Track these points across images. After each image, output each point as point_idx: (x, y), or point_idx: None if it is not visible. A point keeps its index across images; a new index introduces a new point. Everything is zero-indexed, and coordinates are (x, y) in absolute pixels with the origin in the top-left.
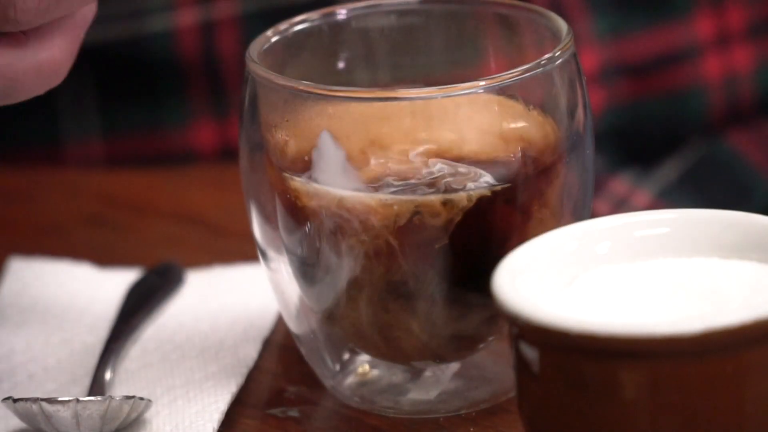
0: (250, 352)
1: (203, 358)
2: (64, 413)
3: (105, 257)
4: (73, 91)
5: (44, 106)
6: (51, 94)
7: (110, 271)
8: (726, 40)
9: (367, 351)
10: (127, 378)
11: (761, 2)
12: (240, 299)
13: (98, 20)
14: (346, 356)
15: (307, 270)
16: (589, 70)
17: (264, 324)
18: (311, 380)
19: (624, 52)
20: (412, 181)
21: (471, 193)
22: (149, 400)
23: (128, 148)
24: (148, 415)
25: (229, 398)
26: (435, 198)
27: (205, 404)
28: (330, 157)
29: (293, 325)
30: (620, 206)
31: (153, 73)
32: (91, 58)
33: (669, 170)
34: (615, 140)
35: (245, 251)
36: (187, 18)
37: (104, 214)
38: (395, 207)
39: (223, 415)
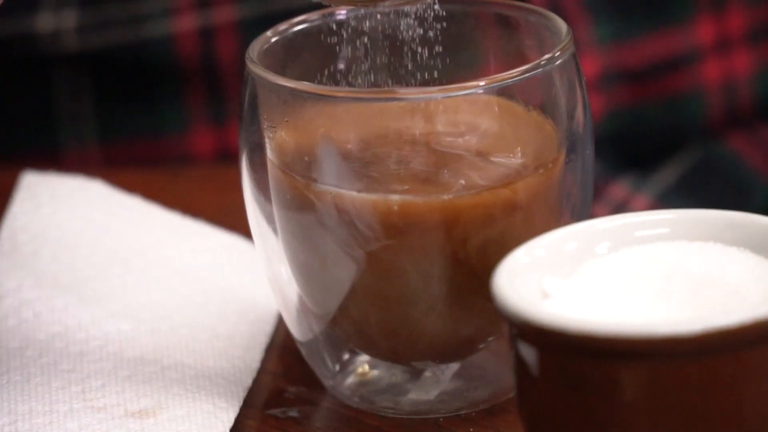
0: (254, 357)
1: (206, 364)
2: None
3: None
4: (72, 96)
5: (43, 111)
6: (50, 99)
7: (122, 195)
8: (726, 45)
9: (367, 351)
10: (131, 385)
11: (762, 7)
12: (240, 300)
13: (97, 26)
14: (346, 356)
15: (307, 271)
16: (590, 76)
17: (265, 327)
18: (311, 380)
19: (624, 58)
20: (412, 181)
21: (471, 193)
22: None
23: (126, 153)
24: (154, 422)
25: (237, 406)
26: (435, 198)
27: (215, 409)
28: (330, 158)
29: (293, 326)
30: (619, 211)
31: (152, 78)
32: (90, 63)
33: (668, 174)
34: (614, 145)
35: (245, 251)
36: (186, 23)
37: None
38: (395, 207)
39: (232, 423)
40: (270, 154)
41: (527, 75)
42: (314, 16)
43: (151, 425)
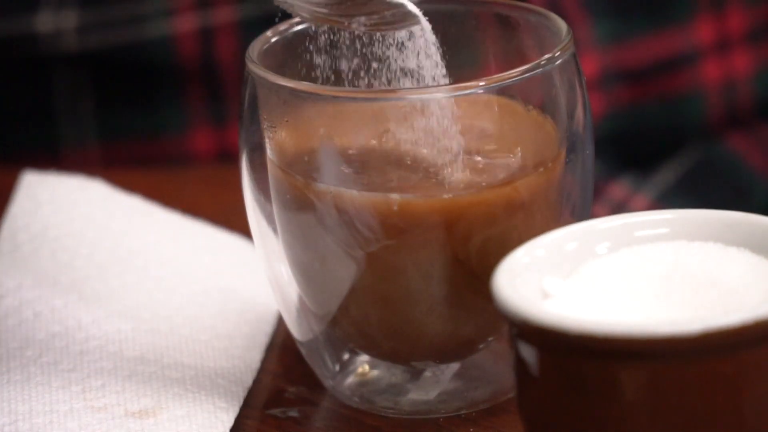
0: (254, 357)
1: (206, 364)
2: None
3: None
4: (72, 96)
5: (42, 111)
6: (50, 99)
7: (122, 195)
8: (726, 45)
9: (368, 351)
10: (131, 385)
11: (762, 7)
12: (240, 300)
13: (97, 26)
14: (346, 356)
15: (307, 271)
16: (589, 75)
17: (265, 327)
18: (311, 380)
19: (624, 58)
20: (412, 181)
21: (471, 192)
22: None
23: (126, 153)
24: (154, 422)
25: (237, 406)
26: (435, 198)
27: (215, 409)
28: (330, 158)
29: (293, 326)
30: (619, 211)
31: (151, 78)
32: (90, 63)
33: (668, 174)
34: (614, 146)
35: (245, 251)
36: (185, 24)
37: None
38: (396, 207)
39: (232, 423)
40: (270, 154)
41: (527, 75)
42: None
43: (151, 425)
